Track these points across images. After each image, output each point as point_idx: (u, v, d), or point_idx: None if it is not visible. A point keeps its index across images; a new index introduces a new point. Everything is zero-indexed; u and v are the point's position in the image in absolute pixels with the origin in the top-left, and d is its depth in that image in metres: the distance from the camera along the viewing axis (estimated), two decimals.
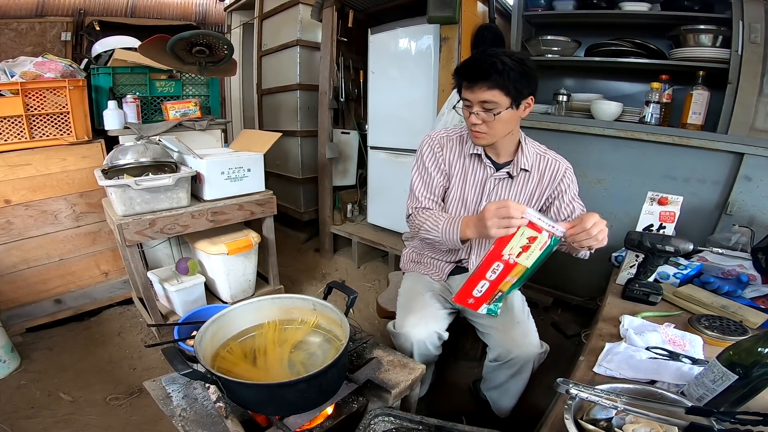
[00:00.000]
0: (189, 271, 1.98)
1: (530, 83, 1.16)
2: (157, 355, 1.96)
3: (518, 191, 1.38)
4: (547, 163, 1.37)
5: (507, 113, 1.17)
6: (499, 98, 1.14)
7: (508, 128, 1.23)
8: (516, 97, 1.15)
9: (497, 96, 1.13)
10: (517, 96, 1.15)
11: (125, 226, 1.68)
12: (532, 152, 1.36)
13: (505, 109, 1.16)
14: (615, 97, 2.16)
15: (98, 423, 1.60)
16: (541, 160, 1.36)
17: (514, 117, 1.21)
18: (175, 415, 0.99)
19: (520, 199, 1.38)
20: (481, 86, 1.14)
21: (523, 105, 1.20)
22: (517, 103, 1.17)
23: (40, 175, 1.94)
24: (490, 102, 1.14)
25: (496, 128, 1.20)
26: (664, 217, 1.55)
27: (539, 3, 2.17)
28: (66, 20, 4.13)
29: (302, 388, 0.87)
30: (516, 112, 1.18)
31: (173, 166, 1.90)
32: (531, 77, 1.15)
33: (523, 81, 1.13)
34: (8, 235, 1.92)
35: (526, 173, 1.36)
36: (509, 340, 1.31)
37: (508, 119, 1.19)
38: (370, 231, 2.91)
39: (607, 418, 0.81)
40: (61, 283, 2.11)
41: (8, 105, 1.84)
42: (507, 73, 1.10)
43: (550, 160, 1.37)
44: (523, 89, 1.15)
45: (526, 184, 1.37)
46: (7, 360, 1.81)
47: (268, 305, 1.15)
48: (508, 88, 1.13)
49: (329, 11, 2.64)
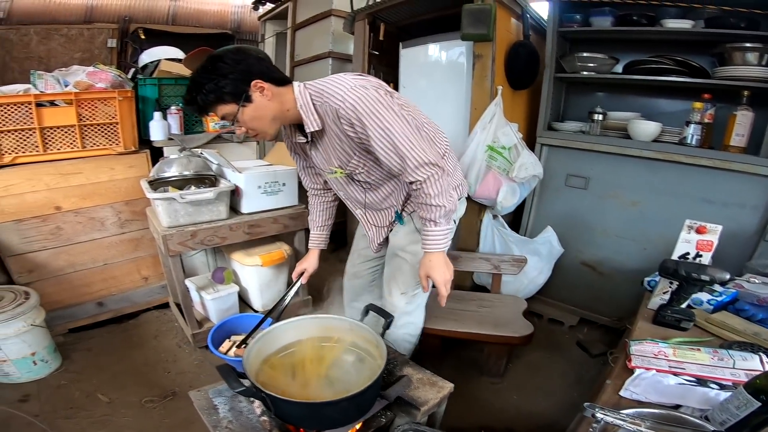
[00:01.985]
0: (224, 280, 2.13)
1: (237, 78, 1.14)
2: (191, 359, 2.09)
3: (326, 155, 1.32)
4: (328, 110, 1.20)
5: (245, 112, 1.17)
6: (225, 110, 1.17)
7: (264, 120, 1.21)
8: (235, 97, 1.15)
9: (222, 110, 1.17)
10: (235, 96, 1.15)
11: (169, 237, 1.83)
12: (311, 107, 1.21)
13: (239, 112, 1.17)
14: (654, 115, 2.17)
15: (133, 425, 1.70)
16: (327, 109, 1.20)
17: (257, 109, 1.18)
18: (220, 426, 1.09)
19: (331, 160, 1.31)
20: (207, 112, 1.21)
21: (253, 94, 1.16)
22: (243, 99, 1.15)
23: (90, 184, 2.13)
24: (226, 115, 1.19)
25: (255, 126, 1.21)
26: (701, 246, 1.58)
27: (575, 19, 2.19)
28: (112, 27, 4.46)
29: (344, 406, 0.97)
30: (253, 103, 1.17)
31: (213, 178, 2.05)
32: (231, 75, 1.13)
33: (227, 82, 1.13)
34: (57, 240, 2.11)
35: (321, 134, 1.27)
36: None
37: (253, 115, 1.18)
38: None
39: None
40: (104, 286, 2.30)
41: (63, 115, 2.02)
42: (207, 93, 1.13)
43: (327, 105, 1.18)
44: (231, 89, 1.14)
45: (329, 144, 1.28)
46: (50, 360, 1.96)
47: (308, 324, 1.25)
48: (220, 99, 1.15)
49: (361, 24, 2.76)
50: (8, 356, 1.81)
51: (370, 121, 1.13)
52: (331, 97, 1.16)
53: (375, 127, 1.13)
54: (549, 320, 2.41)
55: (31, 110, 1.93)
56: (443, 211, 1.22)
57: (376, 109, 1.13)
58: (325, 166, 1.36)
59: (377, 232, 1.52)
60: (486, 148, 2.03)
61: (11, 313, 1.76)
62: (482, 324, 1.80)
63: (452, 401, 1.75)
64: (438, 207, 1.21)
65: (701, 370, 1.15)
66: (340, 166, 1.31)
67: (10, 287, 1.93)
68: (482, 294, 2.11)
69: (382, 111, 1.13)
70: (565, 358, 2.12)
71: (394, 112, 1.15)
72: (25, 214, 1.99)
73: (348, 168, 1.30)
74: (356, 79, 1.18)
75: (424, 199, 1.21)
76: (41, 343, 1.90)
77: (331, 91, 1.17)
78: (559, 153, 2.31)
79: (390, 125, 1.13)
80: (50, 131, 2.01)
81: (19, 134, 1.94)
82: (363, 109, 1.12)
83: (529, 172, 2.05)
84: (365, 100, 1.12)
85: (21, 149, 1.96)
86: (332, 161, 1.31)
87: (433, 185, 1.18)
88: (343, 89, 1.15)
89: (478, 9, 1.97)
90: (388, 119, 1.13)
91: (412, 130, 1.17)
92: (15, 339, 1.79)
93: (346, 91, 1.14)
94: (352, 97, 1.13)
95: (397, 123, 1.14)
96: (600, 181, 2.23)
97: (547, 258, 2.24)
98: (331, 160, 1.31)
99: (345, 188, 1.43)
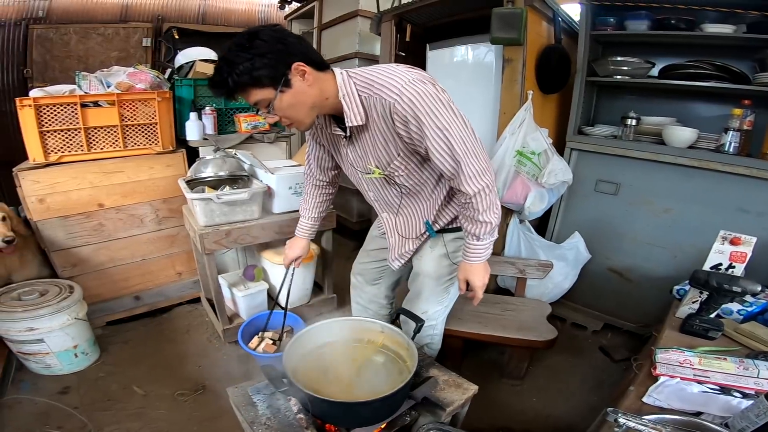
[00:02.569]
0: (255, 277, 2.23)
1: (276, 59, 1.02)
2: (220, 354, 2.20)
3: (363, 152, 1.23)
4: (376, 104, 1.11)
5: (282, 99, 1.06)
6: (260, 95, 1.06)
7: (302, 108, 1.10)
8: (273, 81, 1.04)
9: (256, 95, 1.06)
10: (273, 80, 1.04)
11: (205, 236, 1.93)
12: (355, 98, 1.12)
13: (276, 99, 1.06)
14: (689, 121, 2.15)
15: (165, 417, 1.78)
16: (374, 103, 1.11)
17: (297, 95, 1.07)
18: (258, 422, 1.16)
19: (368, 159, 1.23)
20: (237, 97, 1.09)
21: (293, 78, 1.05)
22: (282, 83, 1.04)
23: (130, 182, 2.25)
24: (260, 101, 1.07)
25: (291, 114, 1.10)
26: (734, 257, 1.58)
27: (609, 22, 2.18)
28: (146, 26, 4.60)
29: (377, 406, 1.04)
30: (292, 89, 1.06)
31: (245, 179, 2.15)
32: (270, 55, 1.01)
33: (264, 62, 1.01)
34: (99, 236, 2.25)
35: (362, 129, 1.17)
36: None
37: (292, 102, 1.07)
38: None
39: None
40: (141, 281, 2.43)
41: (106, 115, 2.13)
42: (241, 74, 1.01)
43: (377, 98, 1.09)
44: (270, 71, 1.02)
45: (369, 142, 1.19)
46: (89, 352, 2.07)
47: (341, 326, 1.33)
48: (256, 82, 1.03)
49: (387, 25, 2.80)
50: (51, 349, 1.91)
51: (429, 120, 1.04)
52: (385, 89, 1.06)
53: (433, 126, 1.05)
54: (572, 324, 2.43)
55: (76, 111, 2.04)
56: (490, 227, 1.19)
57: (435, 107, 1.04)
58: (360, 165, 1.27)
59: (400, 242, 1.44)
60: (515, 153, 2.05)
61: (56, 307, 1.86)
62: (506, 327, 1.84)
63: (471, 402, 1.81)
64: (485, 223, 1.18)
65: (726, 379, 1.18)
66: (377, 166, 1.22)
67: (55, 281, 2.07)
68: (506, 297, 2.15)
69: (441, 110, 1.05)
70: (587, 363, 2.13)
71: (453, 112, 1.07)
72: (70, 210, 2.12)
73: (388, 169, 1.22)
74: (412, 72, 1.08)
75: (473, 213, 1.17)
76: (83, 336, 2.01)
77: (385, 82, 1.06)
78: (589, 158, 2.30)
79: (449, 126, 1.06)
80: (94, 131, 2.13)
81: (65, 134, 2.06)
82: (422, 106, 1.03)
83: (558, 178, 2.06)
84: (425, 96, 1.03)
85: (67, 148, 2.09)
86: (370, 160, 1.22)
87: (484, 200, 1.14)
88: (400, 82, 1.05)
89: (508, 12, 1.98)
90: (448, 119, 1.06)
91: (470, 133, 1.10)
92: (59, 332, 1.90)
93: (404, 85, 1.04)
94: (410, 92, 1.03)
95: (455, 124, 1.07)
96: (631, 188, 2.22)
97: (574, 263, 2.25)
98: (369, 158, 1.22)
99: (378, 190, 1.35)
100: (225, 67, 1.03)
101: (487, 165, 1.13)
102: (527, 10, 1.98)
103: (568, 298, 2.44)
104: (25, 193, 2.01)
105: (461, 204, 1.21)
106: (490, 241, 1.24)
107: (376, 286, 1.72)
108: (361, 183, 1.38)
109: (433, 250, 1.42)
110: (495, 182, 1.17)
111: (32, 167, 2.02)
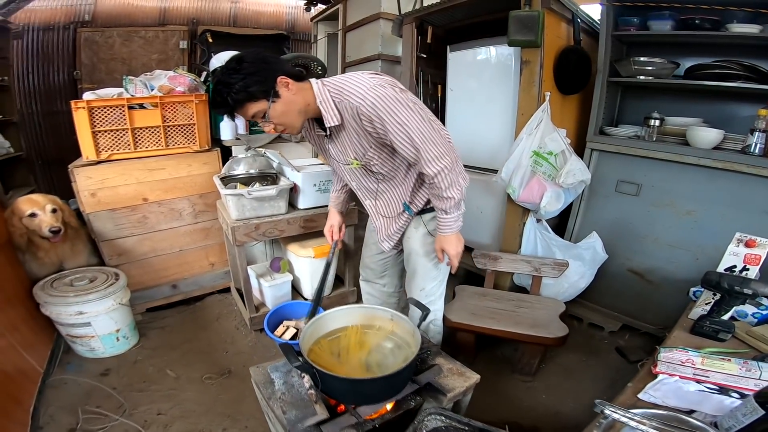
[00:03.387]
0: (280, 269, 2.41)
1: (263, 76, 1.25)
2: (246, 341, 2.37)
3: (343, 147, 1.46)
4: (347, 107, 1.34)
5: (275, 108, 1.29)
6: (256, 107, 1.28)
7: (292, 114, 1.33)
8: (265, 94, 1.26)
9: (253, 108, 1.28)
10: (265, 93, 1.26)
11: (237, 229, 2.12)
12: (330, 103, 1.34)
13: (269, 108, 1.28)
14: (714, 121, 2.14)
15: (194, 399, 1.93)
16: (345, 106, 1.34)
17: (286, 103, 1.30)
18: (274, 397, 1.31)
19: (347, 152, 1.46)
20: (237, 113, 1.31)
21: (280, 90, 1.28)
22: (272, 94, 1.27)
23: (171, 178, 2.48)
24: (257, 113, 1.29)
25: (284, 121, 1.33)
26: (749, 260, 1.61)
27: (632, 22, 2.19)
28: (182, 29, 4.91)
29: (380, 384, 1.17)
30: (281, 98, 1.29)
31: (274, 176, 2.33)
32: (257, 74, 1.24)
33: (254, 80, 1.23)
34: (143, 228, 2.49)
35: (339, 128, 1.40)
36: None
37: (283, 110, 1.30)
38: None
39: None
40: (178, 270, 2.67)
41: (150, 116, 2.36)
42: (238, 93, 1.23)
43: (346, 103, 1.32)
44: (261, 86, 1.25)
45: (346, 138, 1.43)
46: (130, 337, 2.27)
47: (354, 312, 1.47)
48: (251, 97, 1.25)
49: (409, 27, 2.90)
50: (97, 332, 2.10)
51: (389, 118, 1.26)
52: (351, 95, 1.29)
53: (394, 123, 1.27)
54: (589, 324, 2.46)
55: (124, 112, 2.28)
56: (454, 202, 1.41)
57: (394, 107, 1.26)
58: (342, 158, 1.50)
59: (385, 223, 1.67)
60: (531, 154, 2.12)
61: (104, 292, 2.07)
62: (518, 323, 1.92)
63: (481, 395, 1.88)
64: (449, 199, 1.39)
65: (726, 379, 1.21)
66: (356, 157, 1.45)
67: (102, 269, 2.31)
68: (521, 295, 2.22)
69: (399, 108, 1.27)
70: (602, 363, 2.16)
71: (409, 109, 1.28)
72: (117, 204, 2.37)
73: (364, 159, 1.45)
74: (374, 78, 1.31)
75: (438, 191, 1.39)
76: (125, 321, 2.21)
77: (351, 89, 1.29)
78: (611, 158, 2.33)
79: (407, 121, 1.27)
80: (140, 131, 2.36)
81: (115, 134, 2.30)
82: (382, 107, 1.26)
83: (576, 178, 2.11)
84: (384, 98, 1.26)
85: (116, 147, 2.33)
86: (349, 153, 1.45)
87: (445, 179, 1.35)
88: (362, 88, 1.27)
89: (525, 15, 2.03)
90: (405, 115, 1.27)
91: (426, 124, 1.31)
92: (104, 316, 2.09)
93: (366, 90, 1.27)
94: (372, 96, 1.26)
95: (412, 119, 1.28)
96: (653, 189, 2.24)
97: (590, 263, 2.29)
98: (348, 152, 1.45)
99: (359, 179, 1.59)
100: (223, 89, 1.25)
101: (445, 150, 1.34)
102: (544, 13, 2.02)
103: (586, 298, 2.47)
104: (79, 187, 2.26)
105: (428, 185, 1.43)
106: (457, 214, 1.45)
107: (383, 278, 1.92)
108: (345, 174, 1.62)
109: (417, 230, 1.64)
110: (456, 163, 1.37)
111: (85, 164, 2.27)
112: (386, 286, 1.93)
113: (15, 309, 1.99)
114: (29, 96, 4.50)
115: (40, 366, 1.95)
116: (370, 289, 1.97)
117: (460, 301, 2.12)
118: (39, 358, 1.98)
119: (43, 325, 2.12)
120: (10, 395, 1.68)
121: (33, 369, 1.90)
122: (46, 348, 2.08)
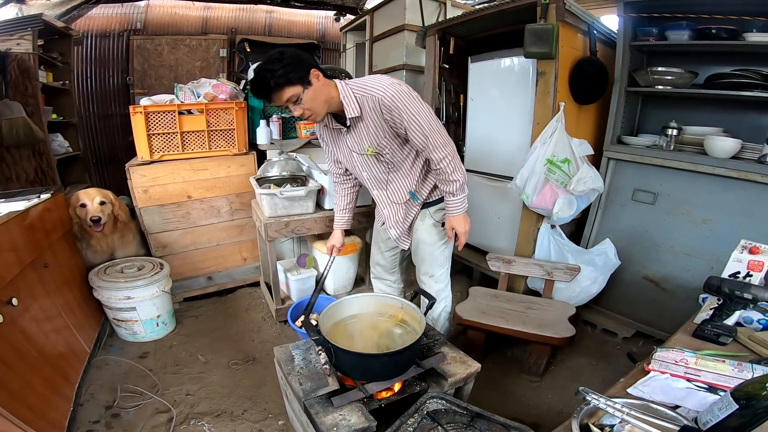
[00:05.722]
0: (306, 265, 2.63)
1: (299, 66, 1.48)
2: (271, 331, 2.57)
3: (359, 138, 1.68)
4: (368, 100, 1.58)
5: (307, 94, 1.50)
6: (292, 91, 1.48)
7: (319, 102, 1.54)
8: (301, 80, 1.48)
9: (289, 92, 1.48)
10: (300, 79, 1.48)
11: (269, 226, 2.34)
12: (352, 97, 1.58)
13: (303, 93, 1.49)
14: (733, 131, 2.18)
15: (219, 382, 2.09)
16: (366, 100, 1.58)
17: (315, 92, 1.52)
18: (294, 372, 1.49)
19: (363, 141, 1.67)
20: (275, 96, 1.50)
21: (312, 79, 1.50)
22: (306, 82, 1.49)
23: (212, 178, 2.76)
24: (291, 97, 1.50)
25: (311, 106, 1.53)
26: (752, 266, 1.67)
27: (650, 32, 2.25)
28: (222, 38, 5.24)
29: (384, 361, 1.34)
30: (312, 87, 1.51)
31: (303, 178, 2.55)
32: (295, 64, 1.47)
33: (292, 68, 1.46)
34: (186, 222, 2.77)
35: (358, 120, 1.63)
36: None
37: (312, 97, 1.51)
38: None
39: (611, 425, 1.11)
40: (214, 263, 2.94)
41: (196, 121, 2.65)
42: (279, 77, 1.45)
43: (368, 96, 1.57)
44: (297, 74, 1.47)
45: (363, 129, 1.65)
46: (168, 323, 2.49)
47: (368, 300, 1.66)
48: (289, 82, 1.46)
49: (432, 39, 3.05)
50: (140, 317, 2.32)
51: (405, 108, 1.52)
52: (374, 89, 1.55)
53: (409, 112, 1.53)
54: (603, 330, 2.51)
55: (174, 117, 2.57)
56: (459, 184, 1.66)
57: (409, 100, 1.53)
58: (357, 148, 1.72)
59: (393, 210, 1.86)
60: (545, 162, 2.23)
61: (150, 280, 2.32)
62: (526, 323, 2.02)
63: (487, 391, 2.00)
64: (455, 181, 1.65)
65: (717, 379, 1.26)
66: (370, 146, 1.67)
67: (149, 258, 2.59)
68: (532, 297, 2.32)
69: (413, 102, 1.54)
70: (612, 368, 2.21)
71: (420, 103, 1.56)
72: (166, 200, 2.66)
73: (378, 148, 1.67)
74: (390, 79, 1.59)
75: (445, 176, 1.64)
76: (165, 308, 2.45)
77: (373, 85, 1.56)
78: (627, 167, 2.40)
79: (419, 112, 1.54)
80: (187, 135, 2.65)
81: (166, 137, 2.60)
82: (400, 100, 1.52)
83: (587, 185, 2.20)
84: (402, 93, 1.53)
85: (166, 149, 2.62)
86: (365, 142, 1.68)
87: (450, 163, 1.62)
88: (383, 85, 1.54)
89: (540, 28, 2.14)
90: (418, 108, 1.54)
91: (434, 118, 1.59)
92: (148, 302, 2.31)
93: (386, 86, 1.53)
94: (392, 90, 1.52)
95: (423, 111, 1.55)
96: (669, 197, 2.29)
97: (602, 269, 2.35)
98: (364, 141, 1.68)
99: (371, 169, 1.78)
100: (267, 74, 1.48)
101: (447, 140, 1.62)
102: (559, 26, 2.13)
103: (601, 305, 2.54)
104: (134, 184, 2.56)
105: (435, 171, 1.68)
106: (462, 196, 1.71)
107: (393, 274, 2.17)
108: (356, 166, 1.81)
109: (423, 222, 1.88)
110: (455, 153, 1.64)
111: (140, 163, 2.57)
112: (395, 282, 2.16)
113: (72, 292, 2.21)
114: (87, 99, 4.84)
115: (88, 346, 2.16)
116: (381, 285, 2.19)
117: (472, 301, 2.24)
118: (88, 339, 2.19)
119: (94, 310, 2.37)
120: (60, 371, 1.84)
121: (82, 349, 2.11)
122: (93, 330, 2.30)
